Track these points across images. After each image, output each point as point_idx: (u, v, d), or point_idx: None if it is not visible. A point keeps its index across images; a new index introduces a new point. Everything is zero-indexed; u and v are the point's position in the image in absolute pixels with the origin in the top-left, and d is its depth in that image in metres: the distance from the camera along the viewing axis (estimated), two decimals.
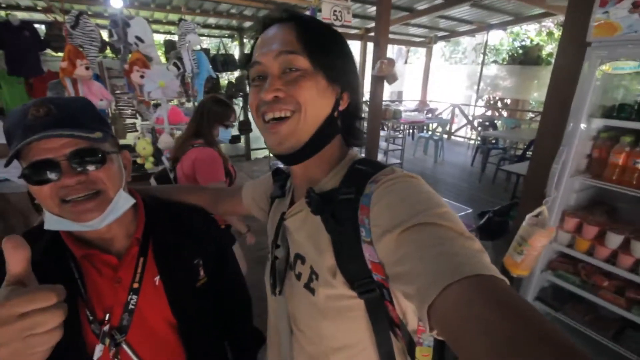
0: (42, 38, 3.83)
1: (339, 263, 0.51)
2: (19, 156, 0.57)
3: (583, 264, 1.72)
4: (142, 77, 2.50)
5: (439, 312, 0.35)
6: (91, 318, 0.64)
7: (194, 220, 0.81)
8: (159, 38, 6.99)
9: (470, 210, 2.15)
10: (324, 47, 0.53)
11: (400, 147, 6.19)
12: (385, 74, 3.76)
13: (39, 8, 4.72)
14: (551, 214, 1.63)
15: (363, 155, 0.63)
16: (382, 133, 6.67)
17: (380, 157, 6.33)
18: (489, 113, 8.93)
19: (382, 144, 6.17)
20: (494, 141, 6.29)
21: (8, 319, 0.35)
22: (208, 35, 7.01)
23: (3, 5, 4.93)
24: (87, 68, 2.60)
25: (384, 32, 3.77)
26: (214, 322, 0.81)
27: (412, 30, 7.95)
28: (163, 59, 4.80)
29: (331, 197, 0.52)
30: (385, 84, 4.06)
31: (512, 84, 8.36)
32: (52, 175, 0.56)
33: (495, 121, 7.47)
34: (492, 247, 2.28)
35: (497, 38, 10.01)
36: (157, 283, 0.70)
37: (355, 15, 6.39)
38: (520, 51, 9.04)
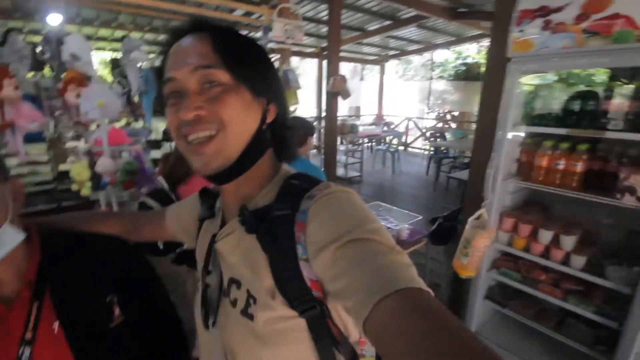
0: None
1: (277, 283, 0.48)
2: None
3: (523, 261, 1.84)
4: (78, 96, 2.33)
5: (373, 327, 0.35)
6: None
7: (107, 251, 0.72)
8: (107, 56, 6.65)
9: (421, 217, 2.23)
10: (244, 59, 0.49)
11: (359, 160, 6.35)
12: (338, 89, 3.89)
13: None
14: (490, 216, 1.73)
15: (322, 169, 0.61)
16: (341, 147, 6.84)
17: (340, 170, 6.46)
18: (440, 125, 9.54)
19: (342, 157, 6.31)
20: (445, 151, 6.69)
21: None
22: (160, 54, 6.81)
23: None
24: (15, 88, 2.38)
25: (335, 51, 3.92)
26: None
27: (366, 49, 8.38)
28: (110, 78, 4.56)
29: (266, 214, 0.50)
30: (341, 99, 4.21)
31: (458, 97, 9.07)
32: None
33: (445, 132, 7.98)
34: (444, 252, 2.38)
35: (443, 56, 10.83)
36: (56, 330, 0.61)
37: (310, 34, 6.60)
38: (463, 68, 9.85)
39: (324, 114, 5.13)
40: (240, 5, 4.06)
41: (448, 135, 7.92)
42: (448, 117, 9.94)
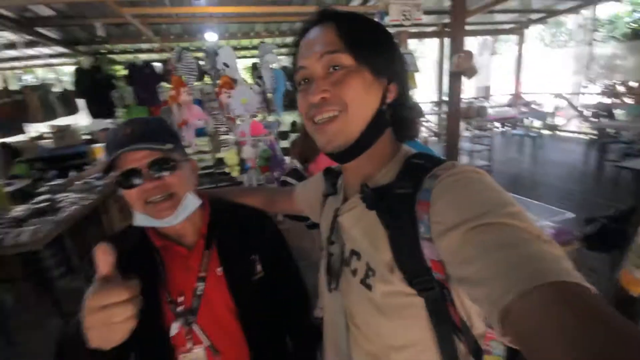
0: (159, 74, 4.70)
1: (397, 259, 0.49)
2: (114, 167, 0.70)
3: None
4: (228, 97, 2.86)
5: (514, 318, 0.32)
6: (169, 299, 0.75)
7: (252, 219, 0.88)
8: (248, 62, 7.86)
9: (572, 216, 1.82)
10: (366, 41, 0.52)
11: (487, 147, 5.60)
12: (462, 68, 3.50)
13: (155, 49, 5.81)
14: None
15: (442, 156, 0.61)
16: (466, 133, 6.17)
17: (464, 159, 5.85)
18: (607, 101, 7.41)
19: (466, 144, 5.70)
20: (613, 134, 5.19)
21: (93, 310, 0.47)
22: (287, 54, 7.60)
23: (130, 50, 6.23)
24: (188, 94, 3.10)
25: (459, 25, 3.53)
26: (273, 314, 0.86)
27: (499, 17, 7.19)
28: (250, 80, 5.40)
29: (386, 192, 0.51)
30: (466, 79, 3.78)
31: (634, 63, 6.79)
32: (136, 181, 0.68)
33: (614, 110, 6.16)
34: (605, 261, 1.88)
35: (611, 11, 8.24)
36: (219, 273, 0.79)
37: (430, 12, 6.11)
38: None
39: (445, 98, 4.71)
40: None
41: (619, 113, 6.09)
42: (619, 89, 7.61)
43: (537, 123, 7.24)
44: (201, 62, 3.73)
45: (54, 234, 2.32)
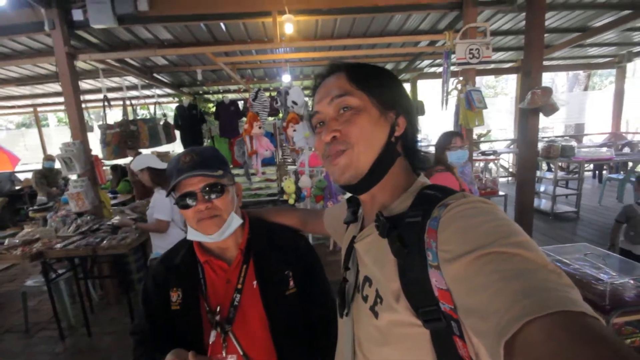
0: (241, 110, 5.37)
1: (404, 287, 0.49)
2: (175, 190, 0.83)
3: None
4: (294, 131, 3.14)
5: (519, 348, 0.31)
6: (207, 309, 0.84)
7: (287, 238, 0.96)
8: None
9: None
10: (370, 82, 0.58)
11: (575, 192, 4.90)
12: (538, 105, 3.25)
13: (240, 89, 6.69)
14: None
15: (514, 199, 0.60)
16: (548, 175, 5.53)
17: (544, 202, 5.20)
18: None
19: (549, 187, 5.09)
20: None
21: None
22: None
23: (221, 91, 7.30)
24: (259, 128, 3.48)
25: (535, 60, 3.33)
26: (302, 329, 0.90)
27: (592, 51, 6.53)
28: None
29: (398, 221, 0.52)
30: (545, 116, 3.49)
31: None
32: (191, 202, 0.81)
33: None
34: None
35: None
36: (254, 286, 0.86)
37: (508, 48, 5.90)
38: None
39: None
40: (423, 37, 4.23)
41: None
42: None
43: None
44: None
45: (138, 242, 2.74)
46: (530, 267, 0.36)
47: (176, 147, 6.55)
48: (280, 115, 4.14)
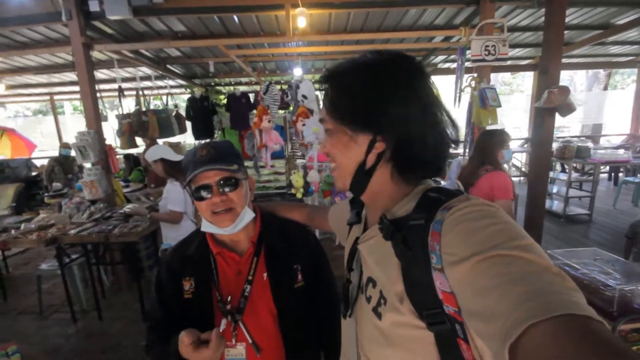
0: (252, 103, 5.39)
1: (407, 289, 0.50)
2: (191, 182, 0.86)
3: None
4: (303, 125, 3.14)
5: (523, 351, 0.32)
6: (219, 298, 0.87)
7: (296, 232, 0.98)
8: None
9: None
10: (344, 105, 0.56)
11: (589, 194, 4.79)
12: (555, 104, 3.17)
13: (251, 82, 6.72)
14: None
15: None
16: (562, 176, 5.41)
17: (556, 204, 5.10)
18: None
19: (561, 188, 4.99)
20: None
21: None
22: None
23: (233, 83, 7.32)
24: (269, 121, 3.49)
25: (553, 58, 3.24)
26: (309, 321, 0.93)
27: (613, 49, 6.32)
28: None
29: (402, 223, 0.53)
30: (562, 116, 3.40)
31: None
32: (207, 195, 0.84)
33: None
34: None
35: None
36: (264, 278, 0.89)
37: (526, 45, 5.74)
38: None
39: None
40: (438, 33, 4.15)
41: None
42: None
43: None
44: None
45: (149, 230, 2.80)
46: (534, 270, 0.36)
47: (187, 138, 6.63)
48: (291, 108, 4.15)
